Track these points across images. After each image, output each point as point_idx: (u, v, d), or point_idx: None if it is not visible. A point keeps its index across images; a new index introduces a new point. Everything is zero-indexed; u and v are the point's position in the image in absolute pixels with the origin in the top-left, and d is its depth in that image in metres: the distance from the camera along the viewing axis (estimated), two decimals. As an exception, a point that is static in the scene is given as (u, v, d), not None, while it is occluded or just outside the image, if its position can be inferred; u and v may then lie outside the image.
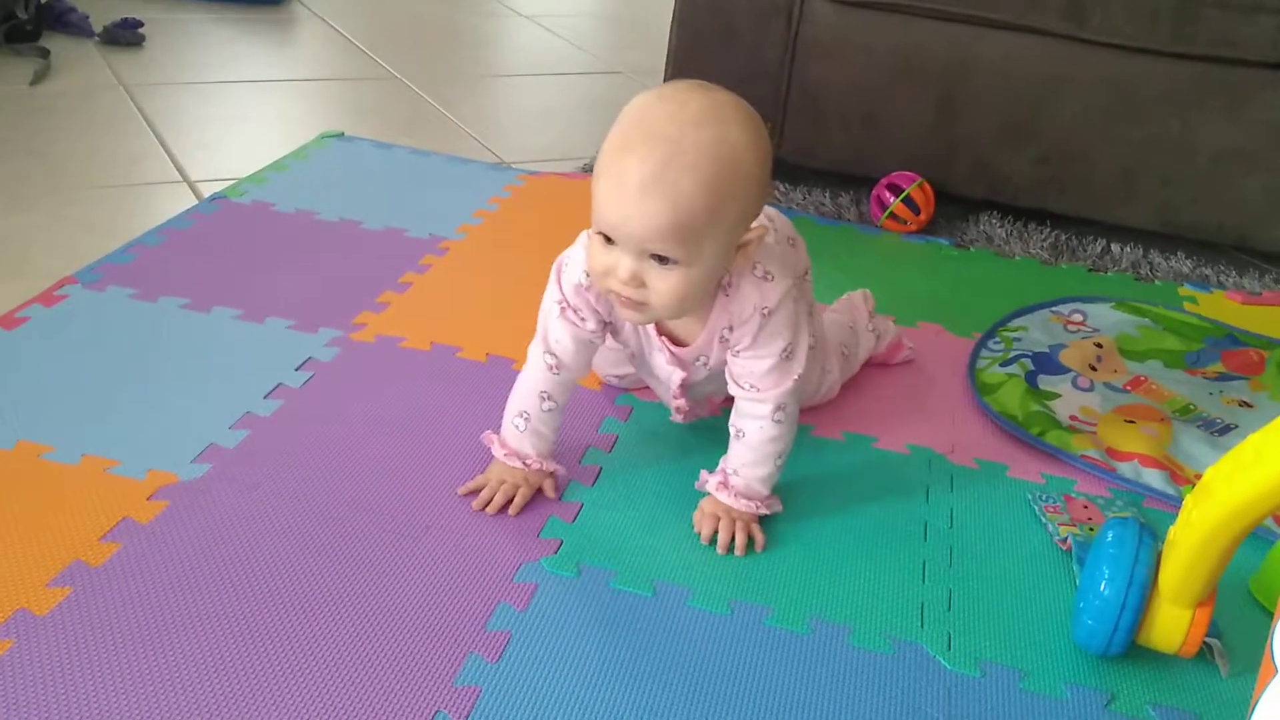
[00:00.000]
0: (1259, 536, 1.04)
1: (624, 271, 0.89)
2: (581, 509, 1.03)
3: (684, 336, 1.02)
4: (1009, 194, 1.77)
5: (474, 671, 0.84)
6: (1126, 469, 1.17)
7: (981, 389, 1.29)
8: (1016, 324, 1.46)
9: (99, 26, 2.23)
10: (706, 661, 0.88)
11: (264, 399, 1.13)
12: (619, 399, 1.21)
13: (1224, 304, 1.61)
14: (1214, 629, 0.93)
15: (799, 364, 0.99)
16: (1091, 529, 1.07)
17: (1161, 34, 1.60)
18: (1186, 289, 1.65)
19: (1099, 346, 1.41)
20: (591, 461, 1.10)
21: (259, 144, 1.82)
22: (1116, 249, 1.74)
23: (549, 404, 1.03)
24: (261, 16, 2.57)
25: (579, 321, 1.00)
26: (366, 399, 1.16)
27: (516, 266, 1.47)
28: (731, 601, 0.94)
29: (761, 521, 1.02)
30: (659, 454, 1.13)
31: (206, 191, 1.61)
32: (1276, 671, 0.66)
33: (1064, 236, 1.76)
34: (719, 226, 0.88)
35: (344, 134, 1.87)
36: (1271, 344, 1.47)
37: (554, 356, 1.01)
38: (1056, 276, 1.65)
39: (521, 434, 1.03)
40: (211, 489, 0.99)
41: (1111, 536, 0.90)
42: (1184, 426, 1.25)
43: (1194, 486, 0.85)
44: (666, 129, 0.86)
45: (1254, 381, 1.37)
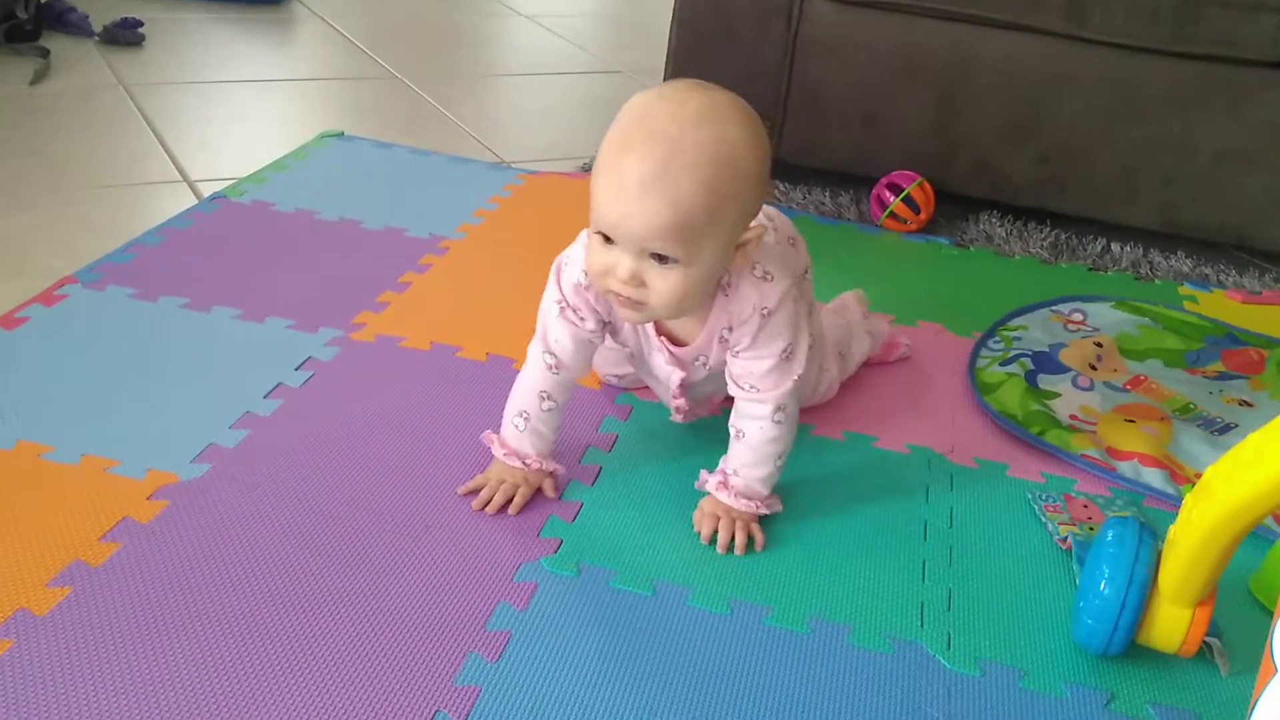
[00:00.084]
0: (1259, 536, 1.04)
1: (623, 271, 0.89)
2: (581, 508, 1.03)
3: (683, 336, 1.02)
4: (1009, 193, 1.77)
5: (474, 671, 0.84)
6: (1126, 468, 1.17)
7: (981, 388, 1.29)
8: (1016, 323, 1.46)
9: (99, 26, 2.22)
10: (706, 661, 0.88)
11: (264, 399, 1.13)
12: (619, 398, 1.21)
13: (1224, 303, 1.61)
14: (1214, 628, 0.93)
15: (799, 364, 0.99)
16: (1091, 528, 1.07)
17: (1162, 33, 1.60)
18: (1186, 288, 1.65)
19: (1099, 346, 1.40)
20: (591, 461, 1.10)
21: (259, 143, 1.82)
22: (1117, 248, 1.74)
23: (548, 404, 1.03)
24: (261, 16, 2.56)
25: (578, 321, 1.00)
26: (366, 399, 1.16)
27: (516, 266, 1.47)
28: (731, 601, 0.94)
29: (761, 521, 1.02)
30: (659, 454, 1.13)
31: (206, 191, 1.61)
32: (1276, 671, 0.66)
33: (1064, 236, 1.76)
34: (718, 226, 0.88)
35: (344, 134, 1.87)
36: (1271, 343, 1.46)
37: (553, 356, 1.01)
38: (1056, 276, 1.65)
39: (521, 434, 1.03)
40: (211, 489, 0.99)
41: (1111, 536, 0.90)
42: (1184, 426, 1.25)
43: (1194, 486, 0.85)
44: (666, 128, 0.86)
45: (1254, 381, 1.37)
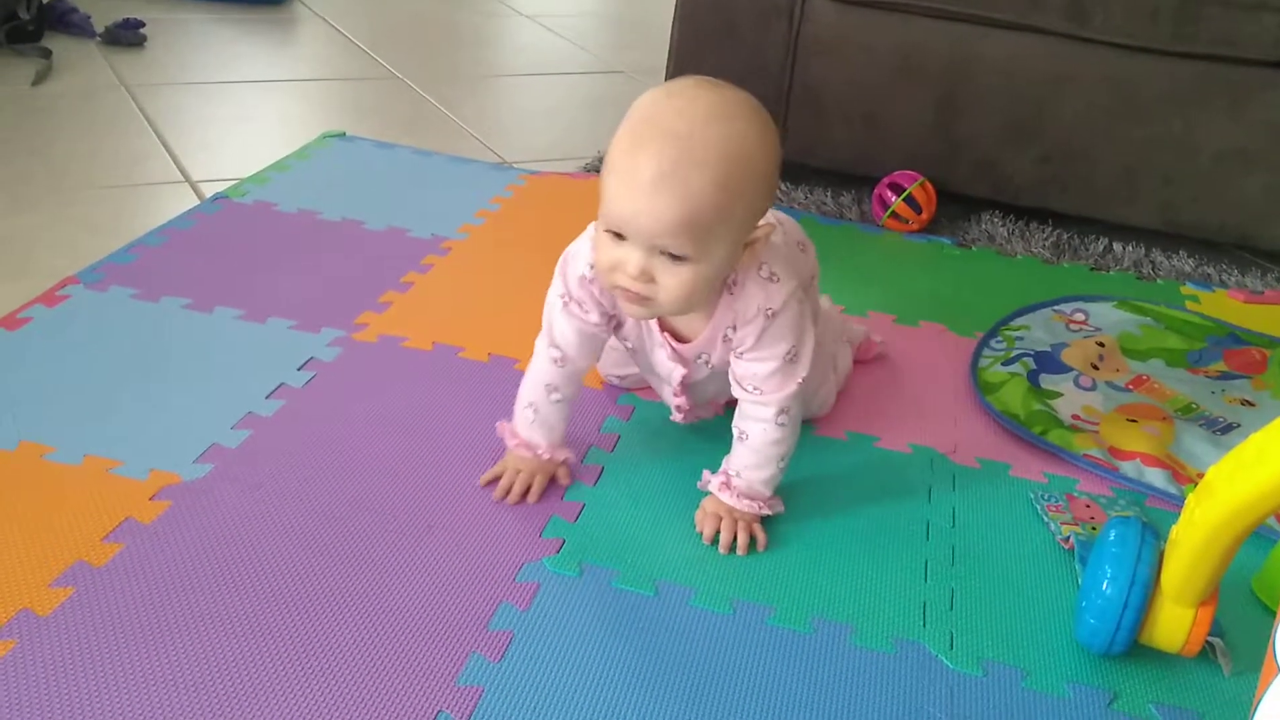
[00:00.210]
0: (1261, 535, 1.04)
1: (633, 267, 0.89)
2: (584, 508, 1.03)
3: (686, 333, 1.02)
4: (1011, 193, 1.77)
5: (476, 671, 0.84)
6: (1129, 468, 1.17)
7: (984, 388, 1.29)
8: (1018, 323, 1.46)
9: (101, 27, 2.23)
10: (709, 661, 0.88)
11: (266, 399, 1.13)
12: (621, 399, 1.21)
13: (1226, 303, 1.61)
14: (1216, 628, 0.93)
15: (803, 368, 0.99)
16: (1094, 528, 1.07)
17: (1163, 33, 1.60)
18: (1188, 288, 1.65)
19: (1101, 345, 1.40)
20: (594, 461, 1.10)
21: (261, 144, 1.82)
22: (1118, 248, 1.74)
23: (555, 395, 1.04)
24: (263, 16, 2.57)
25: (582, 314, 1.00)
26: (369, 399, 1.16)
27: (518, 266, 1.47)
28: (734, 601, 0.94)
29: (763, 521, 1.02)
30: (661, 454, 1.13)
31: (208, 191, 1.61)
32: (1279, 670, 0.66)
33: (1066, 235, 1.76)
34: (729, 223, 0.88)
35: (346, 134, 1.87)
36: (1273, 343, 1.46)
37: (558, 349, 1.02)
38: (1058, 275, 1.64)
39: (531, 424, 1.04)
40: (214, 489, 1.00)
41: (1114, 535, 0.90)
42: (1186, 425, 1.25)
43: (1196, 485, 0.85)
44: (677, 125, 0.86)
45: (1256, 380, 1.37)
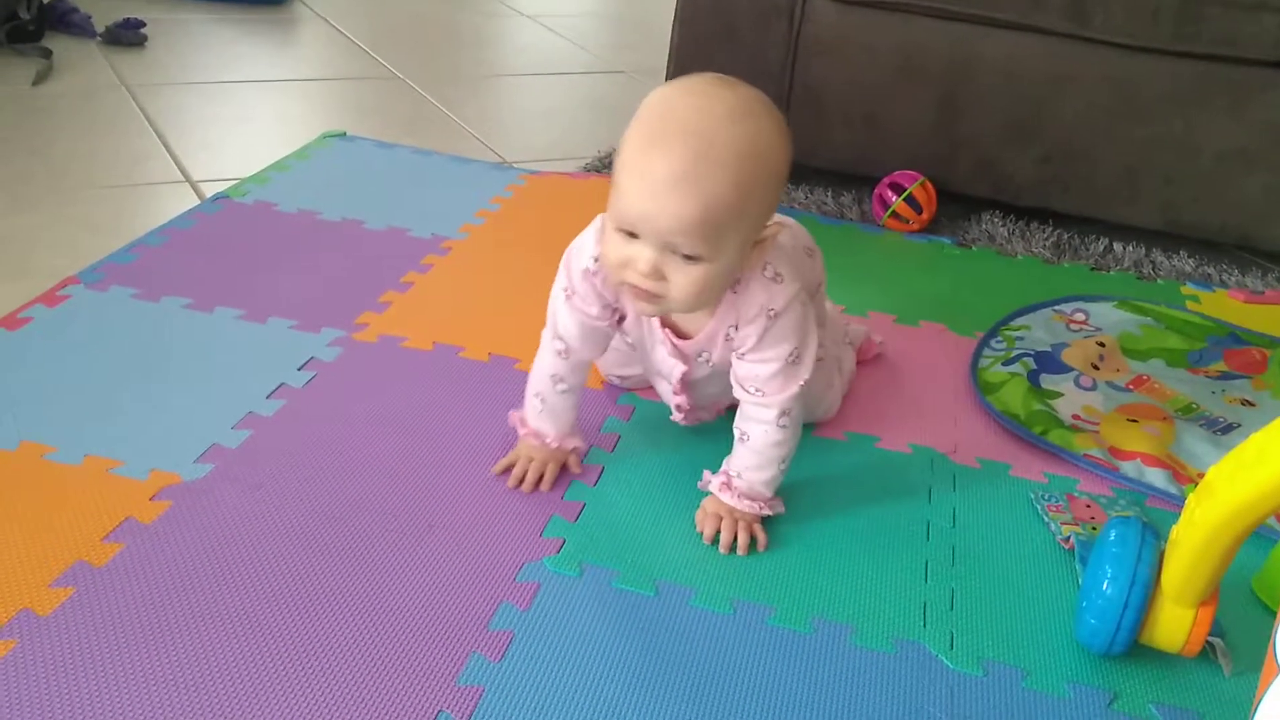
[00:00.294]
0: (1261, 535, 1.04)
1: (644, 264, 0.88)
2: (584, 508, 1.03)
3: (688, 329, 1.02)
4: (1011, 193, 1.77)
5: (476, 671, 0.84)
6: (1129, 468, 1.17)
7: (984, 388, 1.29)
8: (1019, 323, 1.46)
9: (101, 27, 2.23)
10: (709, 661, 0.88)
11: (266, 399, 1.13)
12: (621, 399, 1.21)
13: (1226, 303, 1.61)
14: (1217, 628, 0.93)
15: (805, 370, 0.99)
16: (1094, 528, 1.07)
17: (1164, 33, 1.60)
18: (1189, 288, 1.65)
19: (1101, 345, 1.40)
20: (594, 461, 1.10)
21: (261, 144, 1.82)
22: (1119, 248, 1.74)
23: (561, 385, 1.04)
24: (263, 17, 2.57)
25: (584, 307, 1.00)
26: (369, 399, 1.16)
27: (519, 266, 1.47)
28: (734, 601, 0.94)
29: (764, 522, 1.02)
30: (661, 454, 1.13)
31: (209, 191, 1.61)
32: (1279, 670, 0.66)
33: (1066, 235, 1.76)
34: (742, 222, 0.88)
35: (346, 134, 1.87)
36: (1274, 343, 1.46)
37: (562, 341, 1.03)
38: (1059, 275, 1.64)
39: (540, 414, 1.05)
40: (214, 489, 1.00)
41: (1114, 535, 0.90)
42: (1186, 425, 1.25)
43: (1196, 485, 0.85)
44: (695, 123, 0.86)
45: (1256, 380, 1.37)
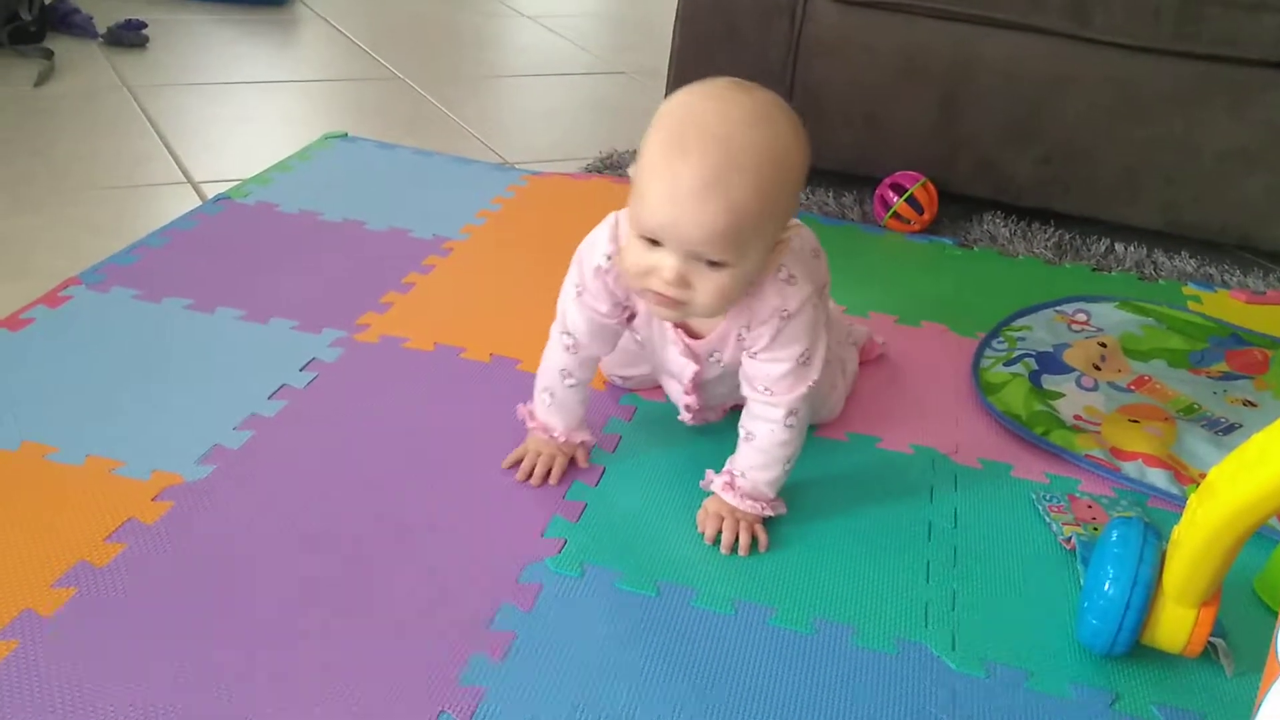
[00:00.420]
0: (1263, 536, 1.04)
1: (669, 272, 0.88)
2: (585, 509, 1.03)
3: (700, 329, 1.02)
4: (1012, 193, 1.77)
5: (478, 671, 0.84)
6: (1131, 468, 1.17)
7: (985, 388, 1.29)
8: (1020, 323, 1.46)
9: (103, 28, 2.23)
10: (710, 661, 0.88)
11: (268, 399, 1.13)
12: (623, 399, 1.21)
13: (1228, 303, 1.61)
14: (1218, 628, 0.92)
15: (815, 370, 0.99)
16: (1096, 529, 1.07)
17: (1164, 33, 1.60)
18: (1190, 288, 1.65)
19: (1103, 346, 1.40)
20: (596, 461, 1.10)
21: (262, 145, 1.82)
22: (1120, 248, 1.74)
23: (570, 380, 1.05)
24: (264, 17, 2.57)
25: (594, 304, 1.00)
26: (370, 399, 1.16)
27: (520, 267, 1.47)
28: (735, 602, 0.94)
29: (765, 522, 1.02)
30: (663, 454, 1.13)
31: (210, 192, 1.62)
32: (1282, 671, 0.66)
33: (1068, 236, 1.76)
34: (766, 227, 0.89)
35: (347, 134, 1.87)
36: (1276, 343, 1.46)
37: (570, 337, 1.03)
38: (1060, 276, 1.64)
39: (549, 408, 1.06)
40: (216, 490, 1.00)
41: (1116, 536, 0.90)
42: (1188, 426, 1.25)
43: (1198, 486, 0.85)
44: (718, 130, 0.86)
45: (1258, 381, 1.37)
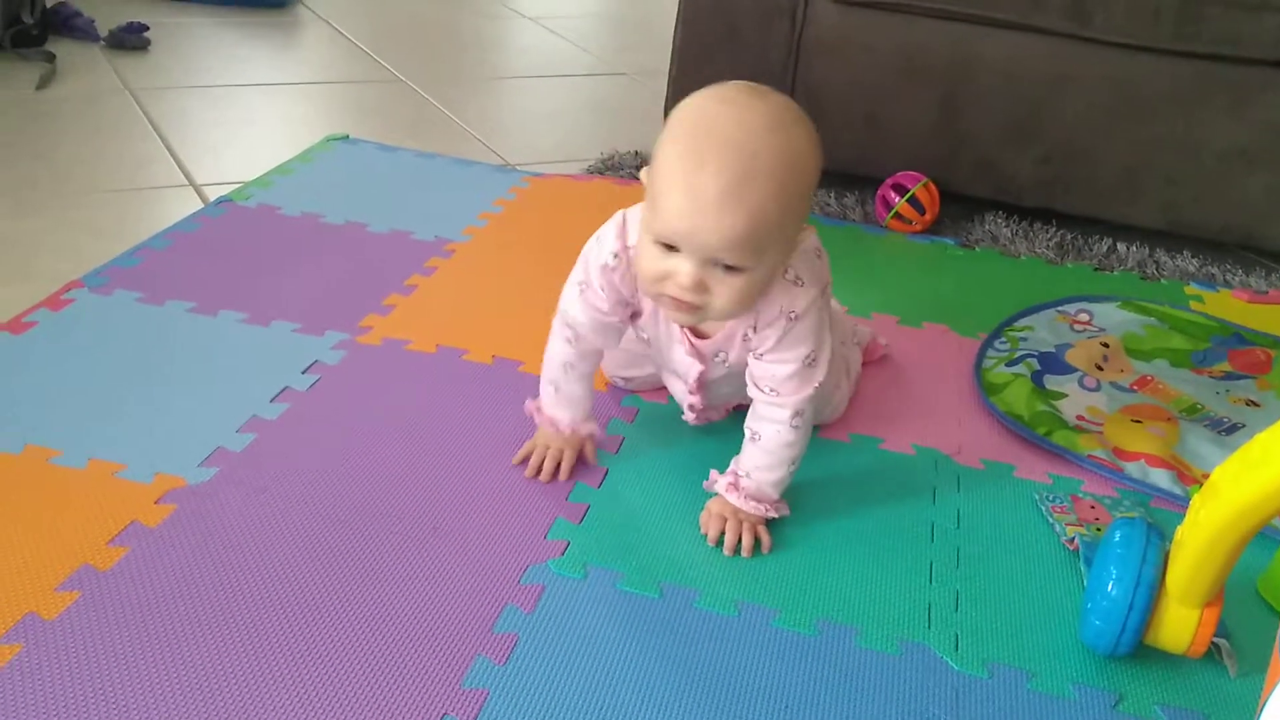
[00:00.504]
0: (1267, 536, 1.04)
1: (687, 278, 0.88)
2: (588, 510, 1.03)
3: (706, 329, 1.02)
4: (1014, 193, 1.77)
5: (481, 674, 0.84)
6: (1133, 469, 1.16)
7: (987, 389, 1.29)
8: (1022, 324, 1.46)
9: (105, 30, 2.23)
10: (714, 663, 0.88)
11: (270, 402, 1.14)
12: (625, 400, 1.21)
13: (1230, 303, 1.61)
14: (1222, 629, 0.93)
15: (821, 372, 0.99)
16: (1099, 529, 1.07)
17: (1164, 33, 1.60)
18: (1193, 288, 1.65)
19: (1105, 346, 1.40)
20: (598, 463, 1.10)
21: (264, 147, 1.82)
22: (1122, 248, 1.74)
23: (574, 372, 1.06)
24: (266, 20, 2.57)
25: (596, 301, 1.01)
26: (373, 402, 1.16)
27: (522, 268, 1.47)
28: (739, 603, 0.94)
29: (768, 523, 1.02)
30: (665, 455, 1.13)
31: (212, 195, 1.62)
32: (1285, 671, 0.66)
33: (1069, 236, 1.76)
34: (783, 231, 0.89)
35: (349, 137, 1.87)
36: (1278, 343, 1.46)
37: (570, 329, 1.04)
38: (1062, 276, 1.64)
39: (554, 401, 1.07)
40: (219, 493, 1.00)
41: (1119, 536, 0.90)
42: (1191, 426, 1.25)
43: (1201, 486, 0.85)
44: (737, 136, 0.86)
45: (1261, 380, 1.37)
